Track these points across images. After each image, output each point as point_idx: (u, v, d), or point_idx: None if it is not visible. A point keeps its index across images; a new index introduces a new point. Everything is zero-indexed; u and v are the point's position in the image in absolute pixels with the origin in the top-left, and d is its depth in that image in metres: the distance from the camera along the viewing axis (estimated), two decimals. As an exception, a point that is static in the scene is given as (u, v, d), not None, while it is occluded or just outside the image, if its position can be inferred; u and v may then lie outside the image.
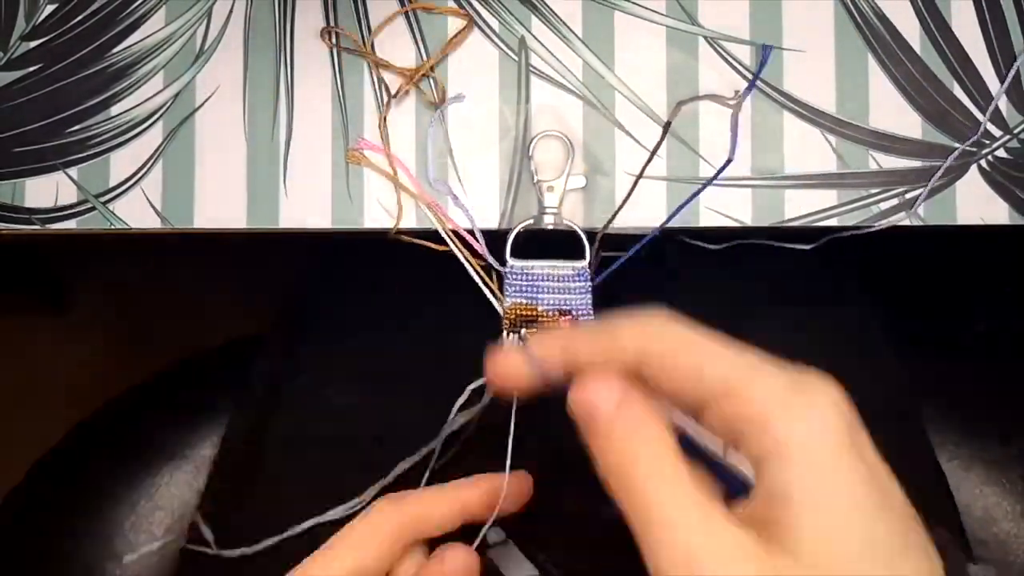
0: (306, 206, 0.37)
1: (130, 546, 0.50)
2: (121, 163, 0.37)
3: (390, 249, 0.46)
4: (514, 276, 0.35)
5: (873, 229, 0.36)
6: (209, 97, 0.37)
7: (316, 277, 0.51)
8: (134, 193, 0.37)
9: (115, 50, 0.38)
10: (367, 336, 0.46)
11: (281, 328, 0.50)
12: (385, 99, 0.37)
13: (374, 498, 0.37)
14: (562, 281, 0.34)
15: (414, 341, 0.45)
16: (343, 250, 0.51)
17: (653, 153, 0.35)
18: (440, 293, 0.46)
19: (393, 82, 0.37)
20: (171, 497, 0.51)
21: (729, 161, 0.35)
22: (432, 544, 0.32)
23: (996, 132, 0.36)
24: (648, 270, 0.37)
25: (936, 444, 0.48)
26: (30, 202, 0.37)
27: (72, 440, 0.55)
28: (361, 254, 0.49)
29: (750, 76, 0.36)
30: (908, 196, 0.36)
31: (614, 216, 0.35)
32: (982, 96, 0.36)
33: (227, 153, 0.37)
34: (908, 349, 0.47)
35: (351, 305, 0.48)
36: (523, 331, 0.34)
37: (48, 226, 0.37)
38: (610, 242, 0.36)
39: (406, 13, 0.37)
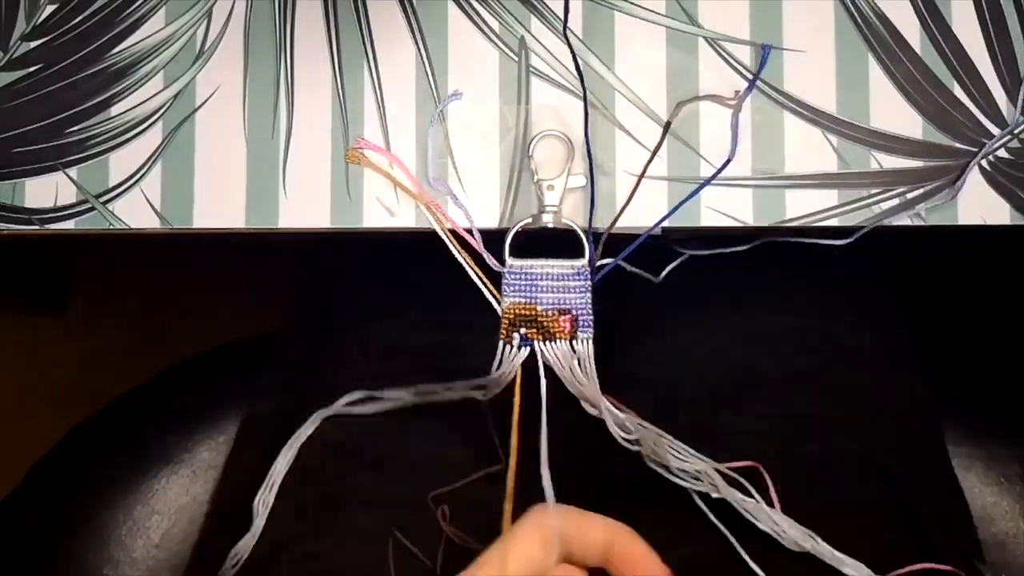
0: (305, 206, 0.37)
1: (126, 551, 0.50)
2: (121, 163, 0.37)
3: (389, 249, 0.46)
4: (512, 275, 0.35)
5: (870, 226, 0.36)
6: (209, 97, 0.37)
7: (315, 277, 0.51)
8: (133, 193, 0.37)
9: (115, 50, 0.38)
10: (364, 335, 0.46)
11: (279, 328, 0.50)
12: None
13: None
14: (561, 280, 0.34)
15: (413, 340, 0.45)
16: (341, 250, 0.51)
17: (654, 153, 0.35)
18: (439, 293, 0.46)
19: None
20: (167, 502, 0.51)
21: (729, 161, 0.35)
22: None
23: (996, 132, 0.36)
24: (648, 269, 0.37)
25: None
26: (30, 202, 0.37)
27: (70, 443, 0.54)
28: (360, 254, 0.49)
29: (750, 76, 0.36)
30: (909, 196, 0.36)
31: (619, 216, 0.35)
32: (982, 96, 0.36)
33: (227, 153, 0.37)
34: (907, 348, 0.47)
35: (348, 304, 0.48)
36: (523, 330, 0.33)
37: (47, 226, 0.37)
38: (610, 242, 0.36)
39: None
